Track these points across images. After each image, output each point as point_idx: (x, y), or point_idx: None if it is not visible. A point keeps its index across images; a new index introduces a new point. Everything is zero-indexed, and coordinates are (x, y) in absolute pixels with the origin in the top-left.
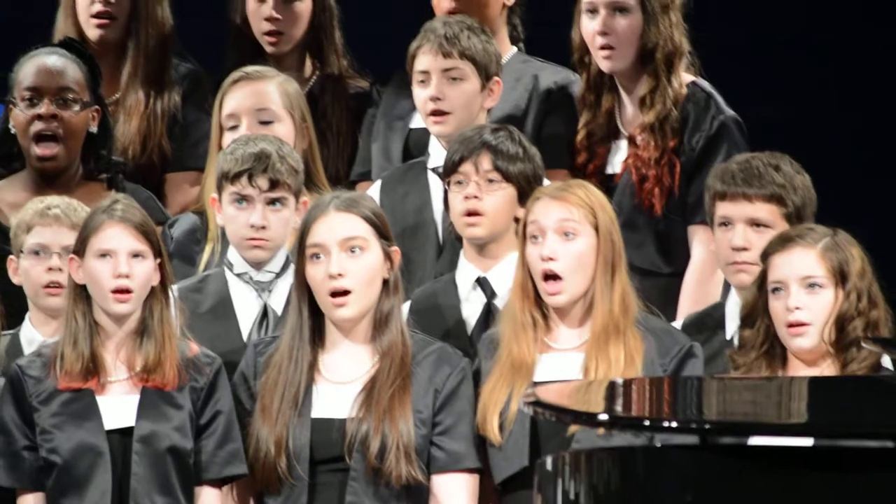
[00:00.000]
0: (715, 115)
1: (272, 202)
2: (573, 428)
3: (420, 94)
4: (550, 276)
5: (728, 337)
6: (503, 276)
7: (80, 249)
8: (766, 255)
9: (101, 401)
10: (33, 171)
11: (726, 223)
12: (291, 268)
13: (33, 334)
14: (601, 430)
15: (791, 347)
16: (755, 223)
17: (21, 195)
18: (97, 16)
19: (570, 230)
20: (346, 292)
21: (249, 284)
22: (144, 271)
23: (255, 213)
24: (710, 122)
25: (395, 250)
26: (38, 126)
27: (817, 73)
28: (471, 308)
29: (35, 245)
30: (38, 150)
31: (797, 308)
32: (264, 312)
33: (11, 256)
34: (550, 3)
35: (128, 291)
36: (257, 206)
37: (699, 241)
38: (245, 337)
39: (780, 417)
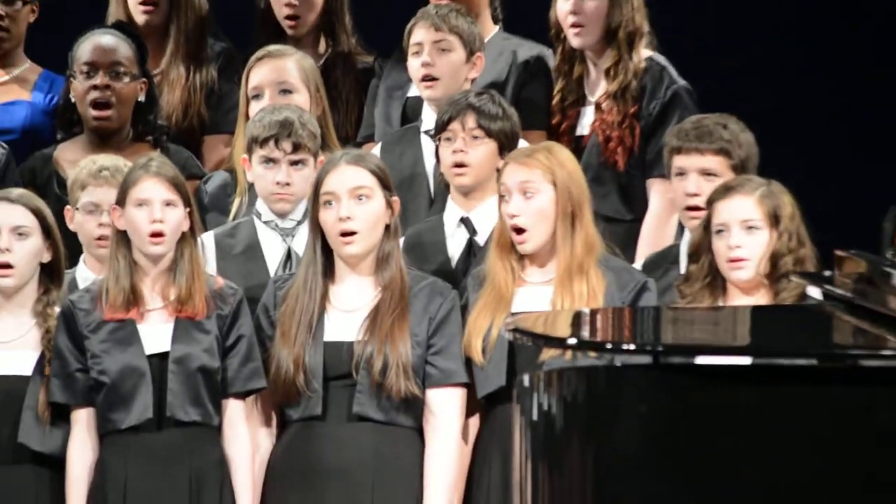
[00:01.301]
0: (669, 84)
1: (295, 163)
2: (546, 351)
3: (414, 63)
4: (516, 230)
5: (682, 272)
6: (484, 216)
7: (121, 200)
8: (710, 202)
9: (141, 329)
10: (90, 133)
11: (682, 173)
12: None
13: (87, 273)
14: (570, 353)
15: (731, 279)
16: (706, 173)
17: (80, 154)
18: (143, 3)
19: (530, 190)
20: (353, 233)
21: (275, 231)
22: (176, 218)
23: (280, 172)
24: (664, 91)
25: (396, 200)
26: (93, 95)
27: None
28: (455, 243)
29: (88, 203)
30: (94, 114)
31: (737, 246)
32: (288, 254)
33: (68, 207)
34: None
35: (161, 235)
36: (282, 166)
37: (655, 192)
38: (272, 275)
39: (722, 340)
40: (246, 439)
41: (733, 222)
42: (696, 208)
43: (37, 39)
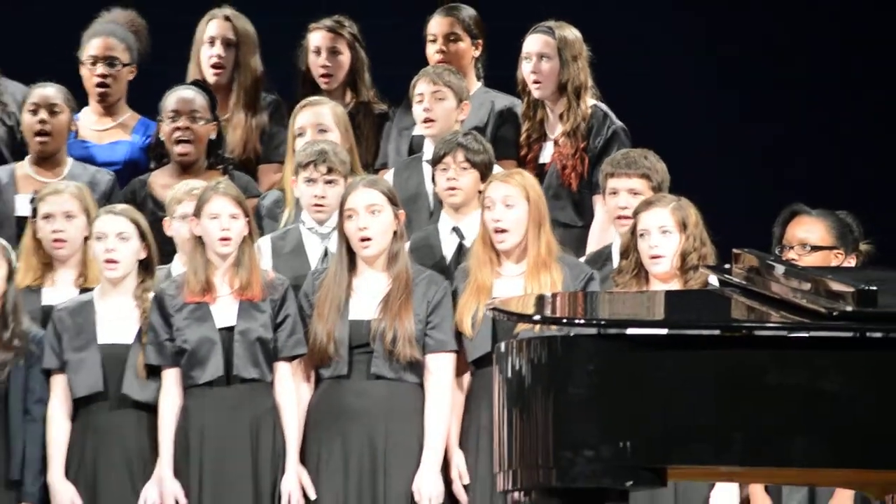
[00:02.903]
0: (609, 125)
1: (329, 182)
2: (519, 325)
3: (417, 108)
4: (498, 231)
5: (614, 266)
6: (470, 225)
7: (197, 213)
8: (636, 213)
9: (213, 309)
10: (175, 164)
11: (614, 192)
12: None
13: (180, 268)
14: (536, 326)
15: (652, 271)
16: (632, 192)
17: (168, 180)
18: (214, 66)
19: (510, 202)
20: (369, 238)
21: (316, 234)
22: (238, 227)
23: (318, 189)
24: (606, 130)
25: (402, 212)
26: (177, 135)
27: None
28: (448, 246)
29: (184, 213)
30: (178, 150)
31: (656, 246)
32: (325, 253)
33: (166, 218)
34: (505, 56)
35: (228, 240)
36: (319, 185)
37: (600, 206)
38: (312, 269)
39: (646, 316)
40: (292, 392)
41: (653, 228)
42: (625, 217)
43: (135, 93)
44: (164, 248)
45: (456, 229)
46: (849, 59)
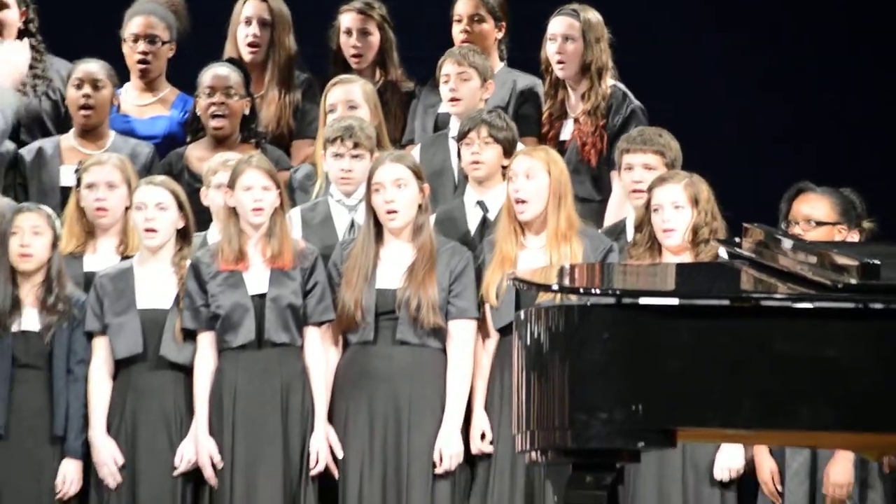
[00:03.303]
0: (628, 105)
1: (355, 156)
2: (540, 294)
3: (443, 88)
4: (518, 201)
5: (629, 240)
6: (494, 200)
7: (231, 184)
8: (650, 189)
9: (246, 276)
10: (211, 137)
11: (630, 168)
12: None
13: (216, 235)
14: (556, 296)
15: (664, 244)
16: (647, 167)
17: (203, 153)
18: (249, 45)
19: (531, 174)
20: (395, 211)
21: (343, 206)
22: (271, 198)
23: (344, 163)
24: (625, 109)
25: (426, 186)
26: (213, 109)
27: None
28: (473, 219)
29: (219, 183)
30: (213, 124)
31: (668, 220)
32: (352, 224)
33: (203, 188)
34: (529, 36)
35: (260, 210)
36: (346, 159)
37: (617, 182)
38: (340, 239)
39: (659, 286)
40: (321, 356)
41: (666, 203)
42: (639, 191)
43: (175, 69)
44: (200, 217)
45: (480, 203)
46: (856, 46)
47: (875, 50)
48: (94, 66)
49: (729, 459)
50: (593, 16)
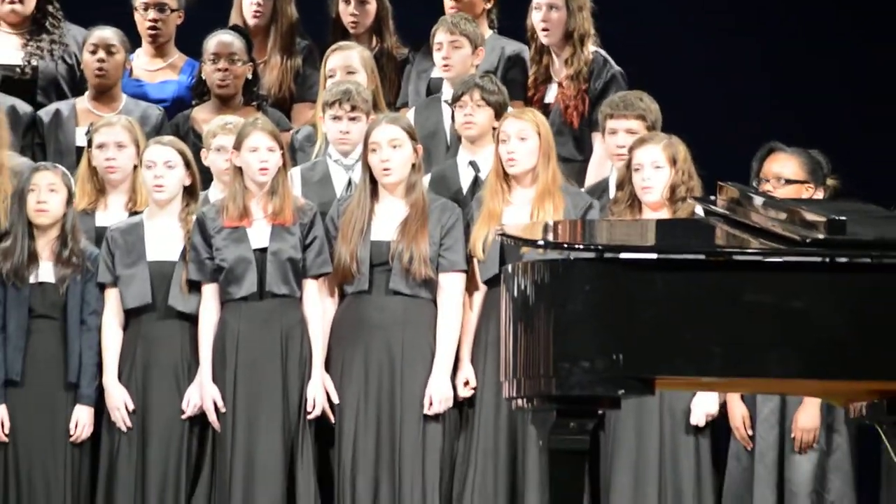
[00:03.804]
0: (608, 70)
1: (352, 119)
2: (524, 249)
3: (436, 55)
4: (511, 159)
5: (611, 197)
6: (485, 160)
7: (237, 146)
8: (631, 149)
9: (249, 232)
10: (215, 99)
11: (613, 132)
12: None
13: (216, 194)
14: (540, 250)
15: (644, 201)
16: (629, 132)
17: (208, 115)
18: (253, 14)
19: (524, 136)
20: (389, 169)
21: (341, 166)
22: (275, 158)
23: (342, 125)
24: (605, 74)
25: (420, 147)
26: (217, 74)
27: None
28: (465, 179)
29: (218, 145)
30: (218, 87)
31: (648, 178)
32: (349, 182)
33: (204, 149)
34: (516, 4)
35: (266, 169)
36: (344, 121)
37: (598, 142)
38: (337, 196)
39: (638, 241)
40: (318, 307)
41: (646, 163)
42: (623, 155)
43: (182, 35)
44: (205, 176)
45: (472, 163)
46: (837, 14)
47: (855, 20)
48: (108, 33)
49: (704, 405)
50: None
